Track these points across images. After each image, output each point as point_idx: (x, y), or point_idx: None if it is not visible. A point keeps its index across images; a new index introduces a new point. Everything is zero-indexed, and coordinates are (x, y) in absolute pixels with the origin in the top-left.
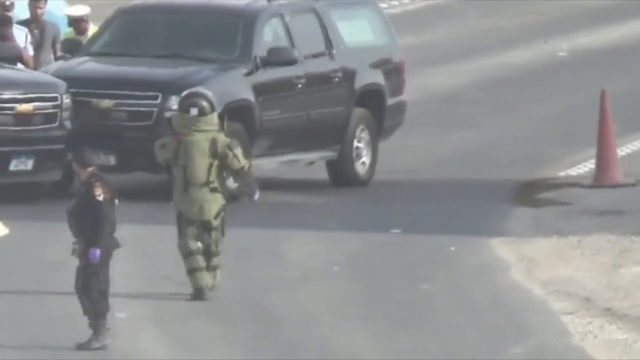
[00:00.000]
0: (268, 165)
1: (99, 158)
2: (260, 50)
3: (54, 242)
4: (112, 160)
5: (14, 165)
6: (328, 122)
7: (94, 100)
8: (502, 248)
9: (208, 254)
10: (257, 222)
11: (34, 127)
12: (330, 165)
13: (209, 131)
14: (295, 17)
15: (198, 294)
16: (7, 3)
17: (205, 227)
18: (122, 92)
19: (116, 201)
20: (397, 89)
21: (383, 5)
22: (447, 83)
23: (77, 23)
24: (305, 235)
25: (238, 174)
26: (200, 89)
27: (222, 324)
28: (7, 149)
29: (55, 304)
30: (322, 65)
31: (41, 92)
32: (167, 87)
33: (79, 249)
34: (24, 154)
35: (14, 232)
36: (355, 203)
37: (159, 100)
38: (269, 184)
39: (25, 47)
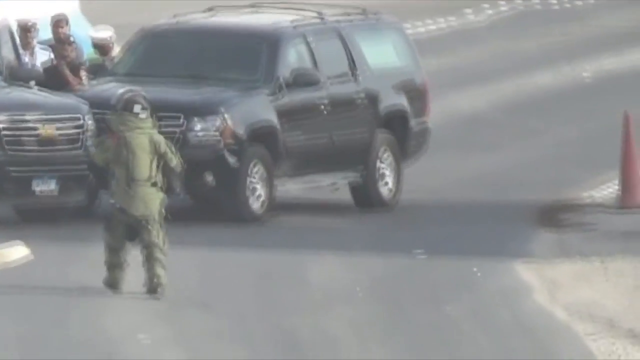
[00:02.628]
0: (292, 187)
1: None
2: (283, 72)
3: (76, 264)
4: None
5: (37, 186)
6: (351, 144)
7: None
8: (525, 271)
9: (149, 247)
10: (280, 244)
11: (57, 149)
12: (354, 187)
13: (147, 128)
14: (318, 39)
15: (111, 284)
16: (29, 24)
17: (144, 223)
18: None
19: None
20: (421, 112)
21: (406, 26)
22: (470, 106)
23: (101, 45)
24: (328, 258)
25: (173, 170)
26: (136, 88)
27: (245, 346)
28: (30, 169)
29: (75, 326)
30: (345, 88)
31: (64, 114)
32: (190, 109)
33: None
34: (47, 175)
35: (37, 255)
36: (378, 225)
37: (181, 121)
38: (293, 207)
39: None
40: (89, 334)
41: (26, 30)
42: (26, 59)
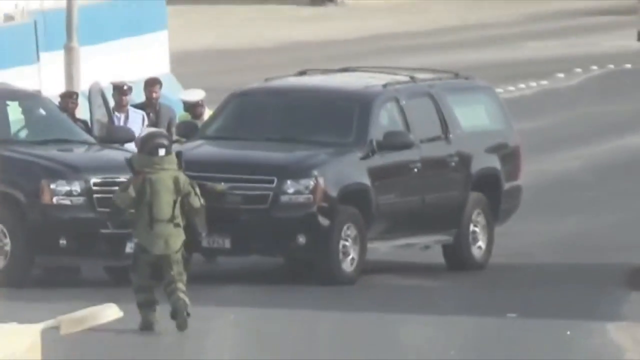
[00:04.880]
0: (383, 249)
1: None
2: (376, 135)
3: (165, 324)
4: (227, 243)
5: (129, 248)
6: (444, 206)
7: (209, 184)
8: (617, 332)
9: (171, 283)
10: (372, 305)
11: None
12: (447, 249)
13: (172, 169)
14: (410, 101)
15: (146, 327)
16: (125, 87)
17: (166, 262)
18: (237, 175)
19: None
20: (513, 174)
21: (499, 90)
22: (562, 168)
23: (192, 107)
24: (420, 319)
25: (196, 211)
26: (159, 129)
27: None
28: (121, 231)
29: None
30: (438, 150)
31: None
32: (283, 171)
33: None
34: None
35: (128, 315)
36: (470, 287)
37: (274, 184)
38: (385, 267)
39: (141, 130)
40: None
41: (122, 92)
42: (120, 121)
